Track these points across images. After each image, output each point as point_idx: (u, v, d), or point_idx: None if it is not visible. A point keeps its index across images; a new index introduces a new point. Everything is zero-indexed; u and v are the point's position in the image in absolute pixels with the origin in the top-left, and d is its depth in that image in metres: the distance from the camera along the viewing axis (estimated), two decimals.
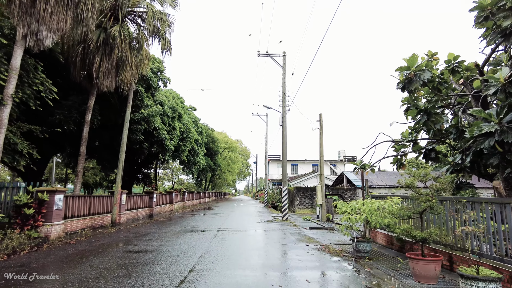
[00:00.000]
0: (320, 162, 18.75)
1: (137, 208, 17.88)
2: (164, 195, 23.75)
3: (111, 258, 7.28)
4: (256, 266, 6.82)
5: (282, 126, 19.08)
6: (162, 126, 18.46)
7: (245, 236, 11.42)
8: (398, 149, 10.54)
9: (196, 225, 14.66)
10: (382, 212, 7.65)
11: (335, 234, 12.65)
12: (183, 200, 29.79)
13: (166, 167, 65.70)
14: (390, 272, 6.44)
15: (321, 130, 18.97)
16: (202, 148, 31.52)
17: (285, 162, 18.88)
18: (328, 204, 18.57)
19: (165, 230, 12.71)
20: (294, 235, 11.83)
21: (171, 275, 5.91)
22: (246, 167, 77.56)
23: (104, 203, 13.86)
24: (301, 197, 25.68)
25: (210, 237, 10.94)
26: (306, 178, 43.09)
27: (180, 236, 10.93)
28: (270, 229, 13.61)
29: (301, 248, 9.08)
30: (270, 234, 12.26)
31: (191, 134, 23.02)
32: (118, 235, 11.03)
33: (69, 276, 5.70)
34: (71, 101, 15.61)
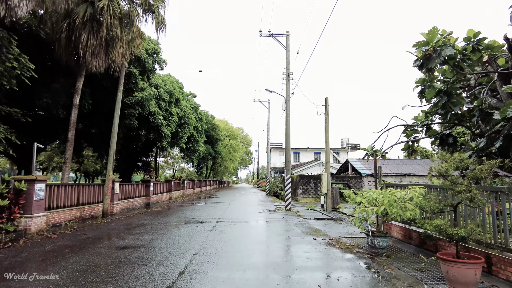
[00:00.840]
0: (326, 149, 17.73)
1: (132, 197, 17.00)
2: (163, 184, 22.88)
3: (91, 256, 6.34)
4: (258, 266, 5.87)
5: (285, 111, 17.99)
6: (158, 111, 17.39)
7: (246, 228, 10.49)
8: (410, 134, 9.58)
9: (194, 215, 13.77)
10: (403, 203, 6.65)
11: (343, 225, 11.72)
12: (183, 189, 28.97)
13: (167, 155, 64.95)
14: (416, 274, 5.47)
15: (327, 115, 17.87)
16: (202, 135, 30.51)
17: (288, 149, 17.87)
18: (334, 193, 17.63)
19: (160, 221, 11.80)
20: (299, 227, 10.90)
21: (157, 279, 4.96)
22: (248, 155, 76.68)
23: (95, 192, 12.93)
24: (304, 186, 24.77)
25: (208, 229, 10.01)
26: (308, 166, 42.13)
27: (175, 229, 10.01)
28: (273, 220, 12.69)
29: (308, 243, 8.13)
30: (273, 225, 11.34)
31: (190, 120, 21.96)
32: (108, 228, 10.11)
33: (32, 282, 4.76)
34: (59, 83, 14.53)
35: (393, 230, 9.02)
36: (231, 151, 53.35)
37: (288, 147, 17.87)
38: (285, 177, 17.59)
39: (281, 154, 60.08)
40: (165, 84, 20.35)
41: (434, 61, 6.90)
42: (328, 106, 18.01)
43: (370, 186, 25.18)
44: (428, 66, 6.98)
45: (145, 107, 16.23)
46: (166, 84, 20.58)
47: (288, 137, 17.79)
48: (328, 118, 17.87)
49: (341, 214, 15.61)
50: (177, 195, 26.07)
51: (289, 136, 17.80)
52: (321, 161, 45.26)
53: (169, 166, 74.96)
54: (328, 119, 17.85)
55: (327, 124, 17.80)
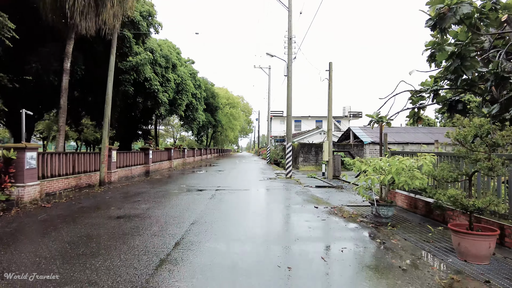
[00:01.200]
0: (329, 116, 17.21)
1: (131, 166, 16.75)
2: (162, 152, 22.62)
3: (84, 226, 6.09)
4: (258, 237, 5.61)
5: (287, 76, 17.25)
6: (154, 77, 16.69)
7: (245, 197, 10.26)
8: (416, 101, 9.09)
9: (193, 183, 13.56)
10: (411, 172, 6.29)
11: (345, 193, 11.50)
12: (183, 157, 28.80)
13: (167, 124, 64.49)
14: (424, 245, 5.21)
15: (331, 80, 17.16)
16: (201, 103, 29.84)
17: (289, 117, 17.35)
18: (335, 161, 17.35)
19: (159, 189, 11.59)
20: (300, 195, 10.67)
21: (150, 251, 4.69)
22: (248, 124, 76.11)
23: (91, 160, 12.62)
24: (305, 154, 24.52)
25: (207, 197, 9.78)
26: (310, 134, 41.78)
27: (174, 197, 9.78)
28: (273, 188, 12.48)
29: (309, 212, 7.89)
30: (273, 193, 11.11)
31: (188, 86, 21.24)
32: (104, 196, 9.88)
33: (18, 255, 4.49)
34: (48, 48, 13.76)
35: (398, 199, 8.75)
36: (232, 119, 52.72)
37: (289, 115, 17.35)
38: (286, 145, 17.22)
39: (282, 123, 59.54)
40: (161, 49, 19.43)
41: (448, 20, 6.25)
42: (331, 72, 17.25)
43: (372, 154, 24.93)
44: (442, 26, 6.36)
45: (140, 73, 15.52)
46: (163, 49, 19.65)
47: (289, 104, 17.21)
48: (332, 84, 17.17)
49: (343, 182, 15.41)
50: (177, 163, 25.93)
51: (290, 103, 17.21)
52: (322, 129, 44.84)
53: (169, 135, 74.80)
54: (331, 85, 17.15)
55: (330, 90, 17.14)
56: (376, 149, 25.08)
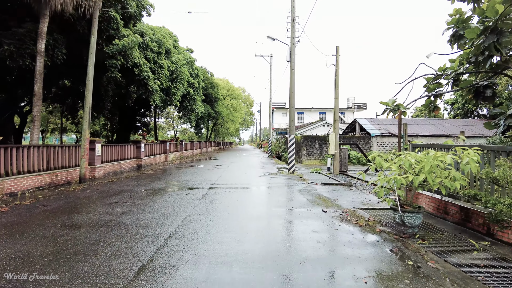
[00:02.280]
0: (335, 105, 15.75)
1: (120, 160, 15.44)
2: (157, 145, 21.29)
3: (30, 240, 4.77)
4: (252, 258, 4.27)
5: (290, 62, 15.77)
6: (144, 62, 15.25)
7: (242, 197, 8.91)
8: (432, 88, 7.75)
9: (186, 179, 12.24)
10: (449, 171, 4.90)
11: (355, 192, 10.13)
12: (180, 150, 27.49)
13: (167, 116, 63.12)
14: (475, 272, 3.85)
15: (338, 66, 15.67)
16: (199, 93, 28.39)
17: (292, 107, 15.92)
18: (342, 155, 15.95)
19: (145, 187, 10.27)
20: (305, 194, 9.32)
21: (102, 282, 3.36)
22: (250, 116, 74.60)
23: (70, 154, 11.31)
24: (308, 147, 23.12)
25: (197, 198, 8.45)
26: (313, 126, 40.28)
27: (158, 198, 8.45)
28: (275, 185, 11.13)
29: (317, 217, 6.54)
30: (274, 192, 9.75)
31: (183, 74, 19.76)
32: (78, 196, 8.57)
33: None
34: (24, 28, 12.34)
35: (421, 201, 7.37)
36: (232, 111, 51.22)
37: (292, 104, 15.91)
38: (289, 137, 15.83)
39: (284, 115, 58.02)
40: (154, 33, 17.95)
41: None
42: (339, 57, 15.75)
43: (379, 147, 23.51)
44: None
45: (128, 57, 14.08)
46: (156, 33, 18.17)
47: (292, 92, 15.77)
48: (339, 70, 15.68)
49: (351, 178, 14.04)
50: (173, 157, 24.63)
51: (293, 90, 15.76)
52: (325, 121, 43.34)
53: (170, 127, 73.56)
54: (338, 71, 15.67)
55: (337, 77, 15.66)
56: (384, 142, 23.67)
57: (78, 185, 10.50)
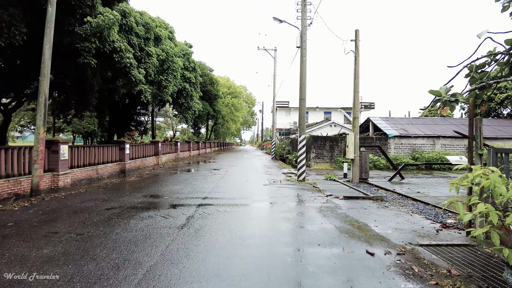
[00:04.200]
0: (355, 100, 13.20)
1: (98, 164, 12.91)
2: (146, 146, 18.75)
3: None
4: None
5: (301, 48, 13.20)
6: (127, 48, 12.70)
7: (241, 222, 6.33)
8: (478, 78, 5.20)
9: (172, 191, 9.68)
10: None
11: (392, 210, 7.56)
12: (175, 152, 24.95)
13: (165, 115, 60.55)
14: None
15: (357, 53, 13.10)
16: (196, 89, 25.84)
17: (303, 101, 13.34)
18: (362, 159, 13.37)
19: (114, 203, 7.72)
20: (329, 217, 6.75)
21: None
22: (251, 116, 72.01)
23: (20, 159, 8.77)
24: (318, 149, 20.54)
25: (178, 224, 5.90)
26: (319, 127, 37.62)
27: (121, 224, 5.88)
28: (283, 201, 8.55)
29: (364, 269, 3.96)
30: (286, 213, 7.16)
31: (175, 65, 17.19)
32: (7, 221, 6.01)
33: None
34: None
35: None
36: (233, 110, 48.66)
37: (303, 99, 13.33)
38: (298, 138, 13.27)
39: (287, 114, 55.44)
40: (142, 17, 15.41)
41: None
42: (358, 42, 13.18)
43: (397, 149, 20.92)
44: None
45: (105, 40, 11.54)
46: (144, 17, 15.64)
47: (303, 85, 13.19)
48: (359, 58, 13.11)
49: (376, 188, 11.44)
50: (167, 159, 22.08)
51: (304, 83, 13.19)
52: (332, 121, 40.73)
53: (169, 127, 71.13)
54: (358, 59, 13.09)
55: (357, 66, 13.08)
56: (402, 144, 21.07)
57: (26, 200, 7.95)
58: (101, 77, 16.75)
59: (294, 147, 26.40)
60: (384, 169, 19.18)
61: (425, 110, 6.62)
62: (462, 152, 21.12)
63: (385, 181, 13.38)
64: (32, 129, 49.11)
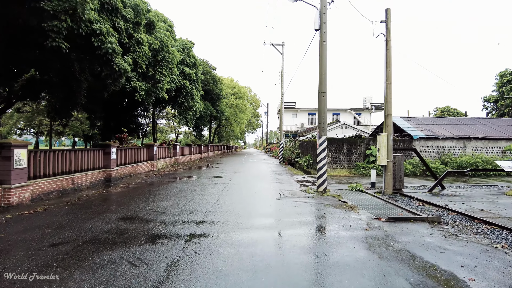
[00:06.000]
0: (387, 93, 10.79)
1: (74, 172, 10.62)
2: (138, 150, 16.46)
3: None
4: None
5: (320, 31, 10.85)
6: (109, 31, 10.43)
7: (252, 277, 3.96)
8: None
9: (157, 209, 7.33)
10: None
11: (468, 241, 5.14)
12: (174, 156, 22.66)
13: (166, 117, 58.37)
14: None
15: (389, 36, 10.73)
16: (197, 87, 23.58)
17: (324, 95, 10.96)
18: (396, 166, 10.95)
19: (67, 233, 5.39)
20: (389, 260, 4.36)
21: None
22: (256, 118, 69.67)
23: None
24: (334, 153, 18.13)
25: (151, 283, 3.55)
26: (329, 128, 35.20)
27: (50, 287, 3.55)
28: (309, 225, 6.17)
29: None
30: (315, 256, 4.77)
31: (171, 56, 14.88)
32: None
33: None
34: None
35: None
36: (237, 112, 46.36)
37: (323, 92, 10.95)
38: (318, 139, 10.89)
39: (294, 116, 53.14)
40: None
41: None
42: (390, 23, 10.81)
43: (423, 152, 18.44)
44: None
45: (79, 19, 9.29)
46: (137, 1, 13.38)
47: (323, 75, 10.83)
48: (391, 42, 10.73)
49: (417, 201, 8.98)
50: (164, 165, 19.78)
51: (325, 72, 10.83)
52: (343, 122, 38.31)
53: (171, 130, 69.12)
54: (390, 43, 10.71)
55: (388, 52, 10.69)
56: (429, 146, 18.59)
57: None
58: (92, 73, 14.59)
59: (304, 150, 23.99)
60: (411, 175, 16.72)
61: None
62: (498, 156, 18.58)
63: (423, 191, 10.94)
64: (31, 132, 47.20)
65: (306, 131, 41.75)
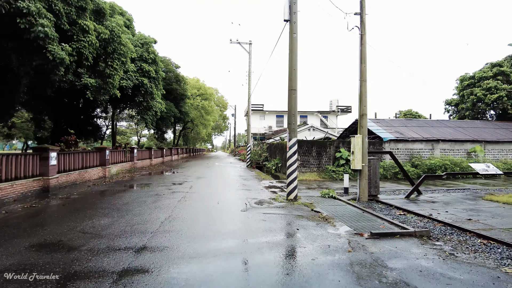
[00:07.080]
0: (361, 92, 9.96)
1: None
2: (87, 154, 14.50)
3: None
4: None
5: (290, 22, 9.81)
6: (40, 11, 8.68)
7: None
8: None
9: (91, 230, 5.81)
10: None
11: (470, 264, 4.21)
12: (131, 160, 20.68)
13: (127, 119, 55.17)
14: None
15: (364, 30, 9.93)
16: (158, 86, 21.82)
17: (294, 93, 9.93)
18: (372, 170, 10.14)
19: None
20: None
21: None
22: (223, 120, 68.18)
23: None
24: (303, 156, 17.28)
25: None
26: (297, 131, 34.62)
27: None
28: (277, 247, 5.01)
29: None
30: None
31: (124, 48, 13.17)
32: None
33: None
34: None
35: None
36: (204, 113, 44.59)
37: (293, 89, 9.91)
38: (288, 141, 9.85)
39: (262, 118, 52.25)
40: None
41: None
42: (364, 15, 10.02)
43: None
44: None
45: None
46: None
47: (293, 70, 9.80)
48: (365, 36, 9.93)
49: (396, 209, 8.14)
50: (118, 170, 17.83)
51: (295, 67, 9.81)
52: (310, 125, 37.92)
53: (133, 133, 65.62)
54: (365, 37, 9.90)
55: (363, 47, 9.87)
56: (399, 149, 18.30)
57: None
58: (35, 68, 12.53)
59: (272, 153, 23.00)
60: (382, 179, 16.20)
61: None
62: (463, 158, 18.67)
63: (400, 198, 10.23)
64: None
65: (274, 134, 40.94)
